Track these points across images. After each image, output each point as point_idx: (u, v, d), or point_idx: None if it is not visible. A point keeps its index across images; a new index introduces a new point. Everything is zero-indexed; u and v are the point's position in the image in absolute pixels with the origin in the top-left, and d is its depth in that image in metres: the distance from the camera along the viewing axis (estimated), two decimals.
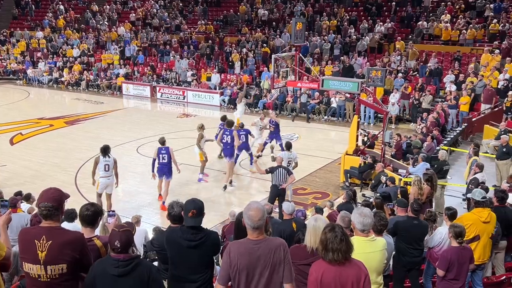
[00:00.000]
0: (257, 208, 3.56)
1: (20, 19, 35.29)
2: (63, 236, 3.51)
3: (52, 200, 3.54)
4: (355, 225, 4.29)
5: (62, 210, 3.64)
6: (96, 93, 26.37)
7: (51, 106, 23.60)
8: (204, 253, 4.05)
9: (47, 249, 3.42)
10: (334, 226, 3.53)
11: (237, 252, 3.54)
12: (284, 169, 10.07)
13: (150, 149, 15.54)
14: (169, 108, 23.75)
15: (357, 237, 4.26)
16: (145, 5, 33.94)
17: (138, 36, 30.55)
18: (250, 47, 26.23)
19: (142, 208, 10.73)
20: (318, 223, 4.24)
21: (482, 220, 6.07)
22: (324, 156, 14.93)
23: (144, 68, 27.41)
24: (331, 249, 3.43)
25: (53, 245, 3.43)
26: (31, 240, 3.47)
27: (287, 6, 28.98)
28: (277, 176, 9.93)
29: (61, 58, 30.09)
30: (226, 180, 12.36)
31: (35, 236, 3.47)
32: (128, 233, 3.50)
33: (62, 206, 3.63)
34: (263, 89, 22.63)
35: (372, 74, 12.42)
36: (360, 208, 4.54)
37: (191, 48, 27.92)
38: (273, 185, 10.04)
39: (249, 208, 3.59)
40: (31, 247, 3.45)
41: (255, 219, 3.50)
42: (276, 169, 10.03)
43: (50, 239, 3.44)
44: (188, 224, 4.01)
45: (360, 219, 4.23)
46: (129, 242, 3.48)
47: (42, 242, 3.43)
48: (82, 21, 34.44)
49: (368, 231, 4.31)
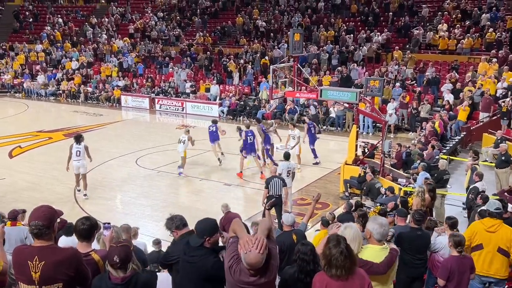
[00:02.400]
0: (256, 257, 3.24)
1: (19, 32, 35.43)
2: (56, 255, 3.43)
3: (42, 219, 3.45)
4: (372, 235, 4.26)
5: (54, 228, 3.54)
6: (95, 105, 26.39)
7: (50, 119, 23.60)
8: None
9: (41, 270, 3.36)
10: (339, 241, 3.44)
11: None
12: (279, 179, 10.14)
13: (149, 161, 15.57)
14: (168, 120, 23.77)
15: (371, 245, 4.23)
16: (144, 18, 34.11)
17: (137, 48, 30.66)
18: (248, 58, 26.32)
19: (141, 219, 10.67)
20: (353, 231, 4.16)
21: (485, 228, 6.02)
22: (324, 166, 14.90)
23: (143, 80, 27.47)
24: (335, 265, 3.35)
25: (47, 265, 3.37)
26: (24, 261, 3.41)
27: (285, 17, 29.14)
28: (273, 186, 9.97)
29: (60, 71, 30.15)
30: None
31: (28, 257, 3.41)
32: (127, 248, 3.46)
33: (54, 224, 3.53)
34: (262, 99, 22.67)
35: (370, 84, 12.45)
36: (378, 218, 4.51)
37: (190, 59, 28.02)
38: (270, 196, 9.96)
39: (249, 255, 3.25)
40: (24, 268, 3.39)
41: (253, 263, 3.24)
42: (272, 179, 10.09)
43: (43, 259, 3.38)
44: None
45: (380, 230, 4.21)
46: (128, 258, 3.44)
47: (35, 263, 3.37)
48: (81, 34, 34.59)
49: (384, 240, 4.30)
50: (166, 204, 12.09)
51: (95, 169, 14.61)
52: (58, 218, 3.64)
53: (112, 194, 12.94)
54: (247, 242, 3.25)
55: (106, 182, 13.71)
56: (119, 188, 13.35)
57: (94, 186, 13.23)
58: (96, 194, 12.68)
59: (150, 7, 35.40)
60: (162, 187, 13.39)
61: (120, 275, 3.43)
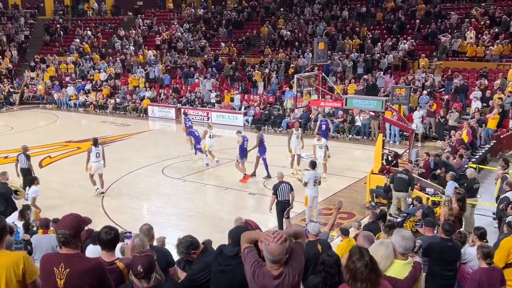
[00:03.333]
0: (276, 245, 3.33)
1: (50, 45, 36.42)
2: (81, 264, 3.50)
3: (69, 228, 3.53)
4: (395, 248, 4.19)
5: (80, 237, 3.61)
6: (123, 116, 26.85)
7: (78, 129, 24.10)
8: None
9: (66, 277, 3.42)
10: (363, 254, 3.39)
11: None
12: (287, 184, 10.30)
13: (175, 170, 15.72)
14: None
15: (396, 260, 4.16)
16: (170, 29, 34.65)
17: (163, 59, 31.12)
18: (273, 68, 26.41)
19: (167, 228, 10.74)
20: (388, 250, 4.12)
21: None
22: (349, 175, 14.76)
23: (169, 91, 27.85)
24: (360, 279, 3.28)
25: (71, 273, 3.43)
26: (50, 268, 3.48)
27: (310, 26, 29.16)
28: (281, 192, 10.16)
29: (89, 82, 30.84)
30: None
31: (54, 264, 3.49)
32: (150, 258, 3.49)
33: (80, 233, 3.60)
34: (286, 108, 22.68)
35: (397, 92, 12.33)
36: (402, 231, 4.44)
37: (215, 70, 28.30)
38: (278, 201, 10.20)
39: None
40: (50, 275, 3.46)
41: (275, 253, 3.33)
42: (279, 185, 10.24)
43: (68, 267, 3.44)
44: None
45: (403, 243, 4.14)
46: (152, 267, 3.47)
47: (61, 269, 3.44)
48: (109, 45, 35.33)
49: (408, 254, 4.22)
50: (192, 214, 12.18)
51: (122, 178, 14.86)
52: (86, 226, 3.71)
53: (139, 203, 13.10)
54: (267, 236, 3.33)
55: (133, 191, 13.89)
56: (145, 197, 13.51)
57: (121, 195, 13.44)
58: (123, 203, 12.86)
59: (176, 19, 35.95)
60: (188, 196, 13.49)
61: (144, 285, 3.45)
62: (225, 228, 7.18)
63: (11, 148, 18.56)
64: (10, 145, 19.07)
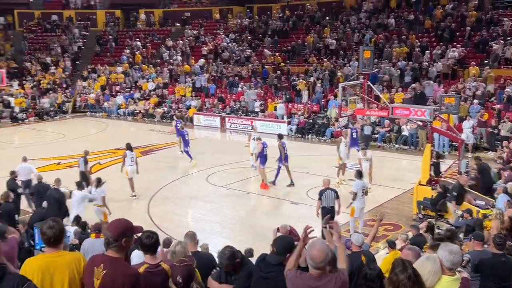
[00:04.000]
0: (320, 248, 3.33)
1: (101, 56, 37.79)
2: (118, 268, 3.55)
3: (113, 231, 3.61)
4: (442, 263, 4.06)
5: (122, 242, 3.61)
6: (169, 124, 27.35)
7: (127, 137, 24.72)
8: None
9: (102, 278, 3.49)
10: (406, 266, 3.29)
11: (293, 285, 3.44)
12: (332, 191, 10.30)
13: (219, 178, 15.87)
14: (238, 138, 24.15)
15: (443, 276, 4.02)
16: (216, 39, 35.18)
17: (209, 69, 31.61)
18: (317, 76, 26.28)
19: (210, 236, 10.84)
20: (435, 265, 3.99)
21: None
22: (396, 186, 14.43)
23: (214, 100, 28.23)
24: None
25: (107, 275, 3.49)
26: (92, 267, 3.58)
27: (356, 34, 28.86)
28: (326, 198, 10.19)
29: (138, 91, 31.73)
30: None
31: (96, 263, 3.58)
32: (190, 267, 3.52)
33: (124, 238, 3.61)
34: (330, 117, 22.49)
35: (446, 101, 11.98)
36: (449, 245, 4.30)
37: (259, 79, 28.46)
38: (323, 207, 10.20)
39: (313, 246, 3.38)
40: (90, 274, 3.55)
41: (317, 260, 3.29)
42: (324, 191, 10.25)
43: (106, 269, 3.51)
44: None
45: (450, 257, 4.01)
46: (191, 277, 3.50)
47: (99, 270, 3.51)
48: (157, 56, 36.26)
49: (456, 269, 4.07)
50: (234, 221, 12.24)
51: (168, 185, 15.15)
52: (135, 233, 3.78)
53: (183, 210, 13.31)
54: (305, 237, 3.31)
55: (178, 198, 14.13)
56: (190, 204, 13.71)
57: (167, 202, 13.69)
58: (168, 209, 13.09)
59: (222, 29, 36.48)
60: (231, 204, 13.58)
61: None
62: (266, 237, 7.21)
63: (63, 155, 19.36)
64: (62, 152, 19.88)
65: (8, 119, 28.42)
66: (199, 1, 41.44)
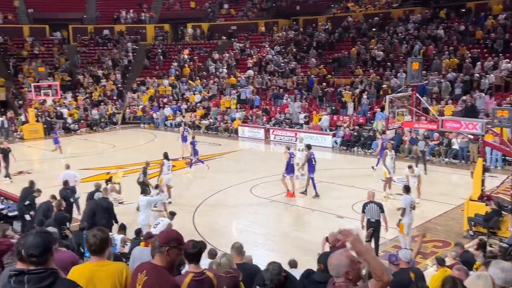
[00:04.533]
0: (335, 257, 3.13)
1: (149, 69, 38.87)
2: (160, 277, 3.56)
3: (161, 238, 3.68)
4: (494, 281, 3.88)
5: (166, 250, 3.61)
6: (214, 136, 27.75)
7: (174, 148, 25.19)
8: None
9: (143, 284, 3.53)
10: (457, 284, 3.17)
11: None
12: (376, 204, 10.08)
13: (263, 190, 15.87)
14: (282, 150, 24.05)
15: None
16: (261, 52, 35.46)
17: (254, 81, 31.85)
18: (363, 88, 25.95)
19: (254, 248, 10.81)
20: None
21: None
22: (445, 202, 13.95)
23: (259, 111, 28.38)
24: None
25: (147, 282, 3.52)
26: (136, 273, 3.63)
27: (404, 45, 28.35)
28: (369, 211, 10.01)
29: (184, 103, 32.37)
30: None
31: (140, 270, 3.63)
32: (235, 279, 3.52)
33: (168, 247, 3.60)
34: (376, 130, 22.10)
35: (498, 114, 11.52)
36: (501, 263, 4.11)
37: (304, 91, 28.40)
38: (367, 220, 10.03)
39: (331, 255, 3.21)
40: (135, 280, 3.60)
41: (330, 267, 3.13)
42: (368, 204, 10.09)
43: (147, 275, 3.55)
44: None
45: (502, 275, 3.83)
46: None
47: (142, 276, 3.56)
48: (203, 68, 36.91)
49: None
50: (278, 234, 12.18)
51: (213, 196, 15.28)
52: (182, 246, 3.76)
53: (227, 221, 13.37)
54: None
55: (222, 209, 14.22)
56: (234, 216, 13.77)
57: (211, 213, 13.80)
58: (213, 219, 13.19)
59: (268, 42, 36.76)
60: (275, 217, 13.54)
61: None
62: (310, 251, 7.11)
63: (113, 165, 19.94)
64: (112, 162, 20.49)
65: (61, 129, 29.60)
66: (245, 15, 41.97)
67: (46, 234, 2.95)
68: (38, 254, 2.79)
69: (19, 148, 23.73)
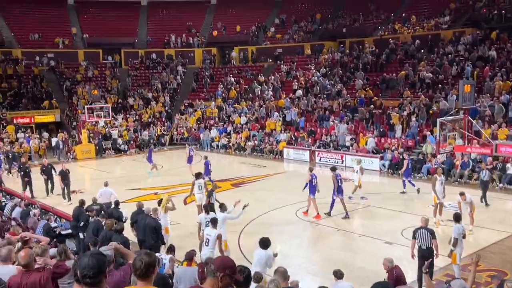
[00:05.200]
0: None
1: (197, 91, 39.73)
2: None
3: (216, 263, 3.66)
4: None
5: (220, 276, 3.57)
6: (259, 157, 27.85)
7: (219, 169, 25.48)
8: None
9: None
10: None
11: None
12: (428, 231, 9.67)
13: (308, 213, 15.68)
14: (327, 172, 23.79)
15: None
16: (307, 74, 35.54)
17: (300, 104, 31.87)
18: (412, 110, 25.42)
19: (299, 272, 10.65)
20: None
21: None
22: (500, 229, 13.32)
23: (304, 133, 28.30)
24: None
25: None
26: None
27: (454, 67, 27.67)
28: (420, 237, 9.64)
29: (230, 125, 32.78)
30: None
31: None
32: None
33: (221, 274, 3.58)
34: (426, 153, 21.51)
35: None
36: None
37: (350, 113, 28.13)
38: (419, 248, 9.66)
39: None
40: None
41: None
42: (418, 230, 9.73)
43: None
44: None
45: None
46: None
47: None
48: (249, 91, 37.34)
49: None
50: (323, 259, 11.97)
51: (257, 218, 15.24)
52: (235, 275, 3.72)
53: (272, 244, 13.24)
54: None
55: (266, 231, 14.10)
56: (278, 238, 13.62)
57: (256, 235, 13.70)
58: (257, 241, 13.09)
59: (313, 64, 36.81)
60: (320, 241, 13.34)
61: None
62: (358, 277, 6.96)
63: (160, 185, 20.34)
64: (160, 182, 20.91)
65: (111, 150, 30.59)
66: (291, 38, 42.33)
67: (100, 256, 3.03)
68: (92, 275, 2.87)
69: (73, 168, 24.60)
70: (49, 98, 35.11)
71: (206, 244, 10.17)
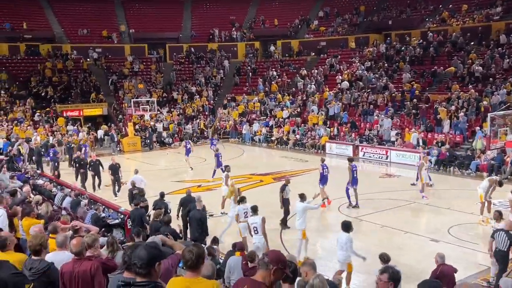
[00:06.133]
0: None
1: (240, 85, 39.91)
2: None
3: (271, 255, 3.68)
4: None
5: (272, 268, 3.61)
6: (301, 152, 27.71)
7: (261, 163, 25.57)
8: None
9: None
10: None
11: None
12: (505, 233, 9.17)
13: (351, 209, 15.49)
14: (371, 168, 23.46)
15: None
16: (351, 68, 35.00)
17: (343, 97, 31.45)
18: (461, 105, 24.59)
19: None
20: None
21: None
22: None
23: (347, 128, 27.92)
24: None
25: None
26: (237, 287, 3.72)
27: (506, 60, 26.54)
28: (497, 240, 9.19)
29: (272, 119, 32.75)
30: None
31: (241, 284, 3.71)
32: None
33: (275, 266, 3.61)
34: (476, 149, 20.75)
35: None
36: None
37: (396, 107, 27.51)
38: (496, 250, 9.24)
39: None
40: None
41: None
42: (497, 231, 9.33)
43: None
44: None
45: None
46: None
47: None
48: (292, 85, 37.17)
49: None
50: (366, 255, 11.76)
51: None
52: (286, 269, 3.73)
53: (314, 239, 13.14)
54: None
55: (308, 226, 14.00)
56: (320, 234, 13.57)
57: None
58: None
59: (358, 57, 36.20)
60: (363, 237, 13.11)
61: None
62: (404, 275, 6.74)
63: (203, 178, 20.60)
64: (203, 175, 21.17)
65: (157, 143, 31.22)
66: (335, 31, 41.77)
67: (151, 249, 3.08)
68: (140, 266, 2.93)
69: (119, 160, 25.30)
70: (97, 92, 36.17)
71: (255, 232, 10.34)
